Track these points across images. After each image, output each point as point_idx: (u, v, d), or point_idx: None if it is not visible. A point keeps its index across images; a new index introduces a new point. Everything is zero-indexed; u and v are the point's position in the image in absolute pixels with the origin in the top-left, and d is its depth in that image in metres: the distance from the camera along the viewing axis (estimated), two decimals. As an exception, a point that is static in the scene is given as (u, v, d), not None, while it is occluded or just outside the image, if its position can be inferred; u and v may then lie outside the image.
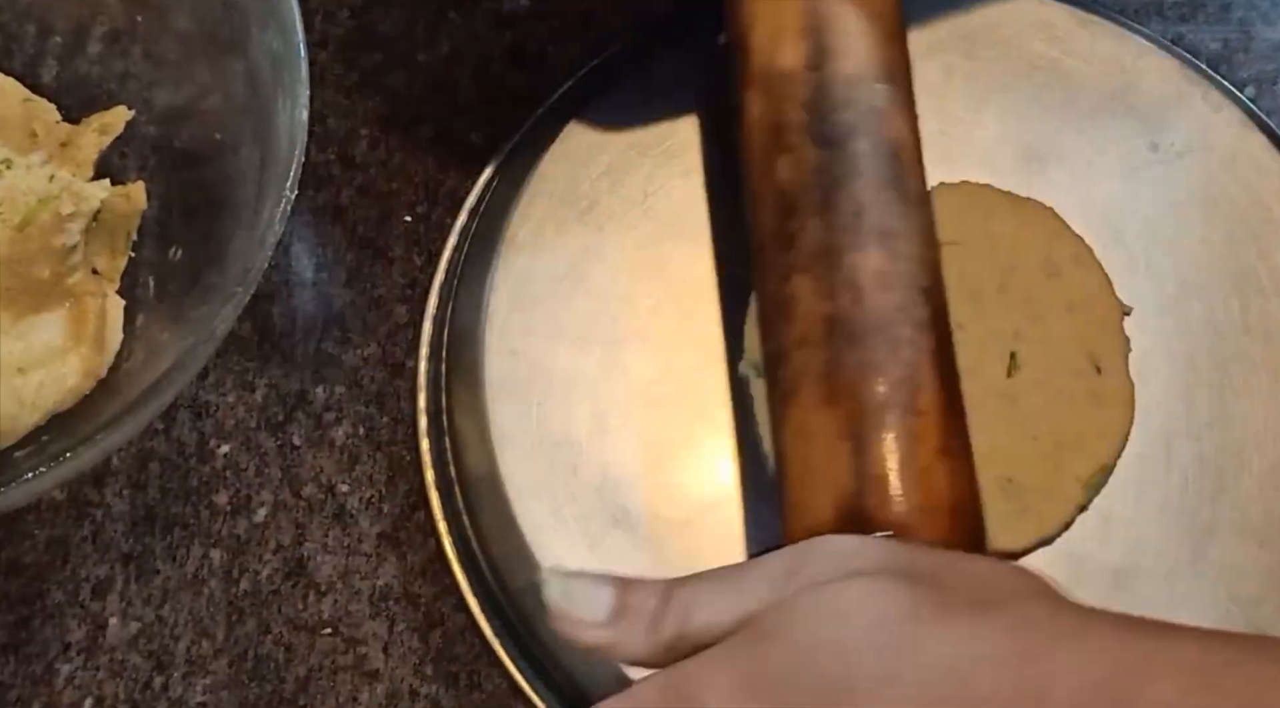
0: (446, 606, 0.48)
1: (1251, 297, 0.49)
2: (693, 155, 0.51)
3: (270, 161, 0.45)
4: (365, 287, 0.52)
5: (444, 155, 0.54)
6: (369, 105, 0.55)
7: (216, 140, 0.49)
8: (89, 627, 0.47)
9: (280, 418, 0.50)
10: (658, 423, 0.47)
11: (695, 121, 0.52)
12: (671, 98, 0.52)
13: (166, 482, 0.49)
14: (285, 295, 0.52)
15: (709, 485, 0.47)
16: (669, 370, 0.48)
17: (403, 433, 0.50)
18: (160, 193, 0.50)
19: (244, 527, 0.49)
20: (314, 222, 0.53)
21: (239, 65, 0.48)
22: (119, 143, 0.51)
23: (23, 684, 0.46)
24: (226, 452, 0.50)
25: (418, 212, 0.53)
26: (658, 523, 0.46)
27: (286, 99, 0.45)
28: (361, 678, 0.47)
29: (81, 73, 0.52)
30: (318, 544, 0.48)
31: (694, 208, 0.50)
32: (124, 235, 0.49)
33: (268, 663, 0.47)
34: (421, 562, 0.48)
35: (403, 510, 0.49)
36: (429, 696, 0.47)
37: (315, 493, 0.49)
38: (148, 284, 0.50)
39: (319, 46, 0.55)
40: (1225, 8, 0.57)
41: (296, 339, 0.51)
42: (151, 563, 0.48)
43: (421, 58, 0.56)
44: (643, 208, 0.50)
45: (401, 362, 0.51)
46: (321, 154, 0.54)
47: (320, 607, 0.48)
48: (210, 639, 0.47)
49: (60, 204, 0.48)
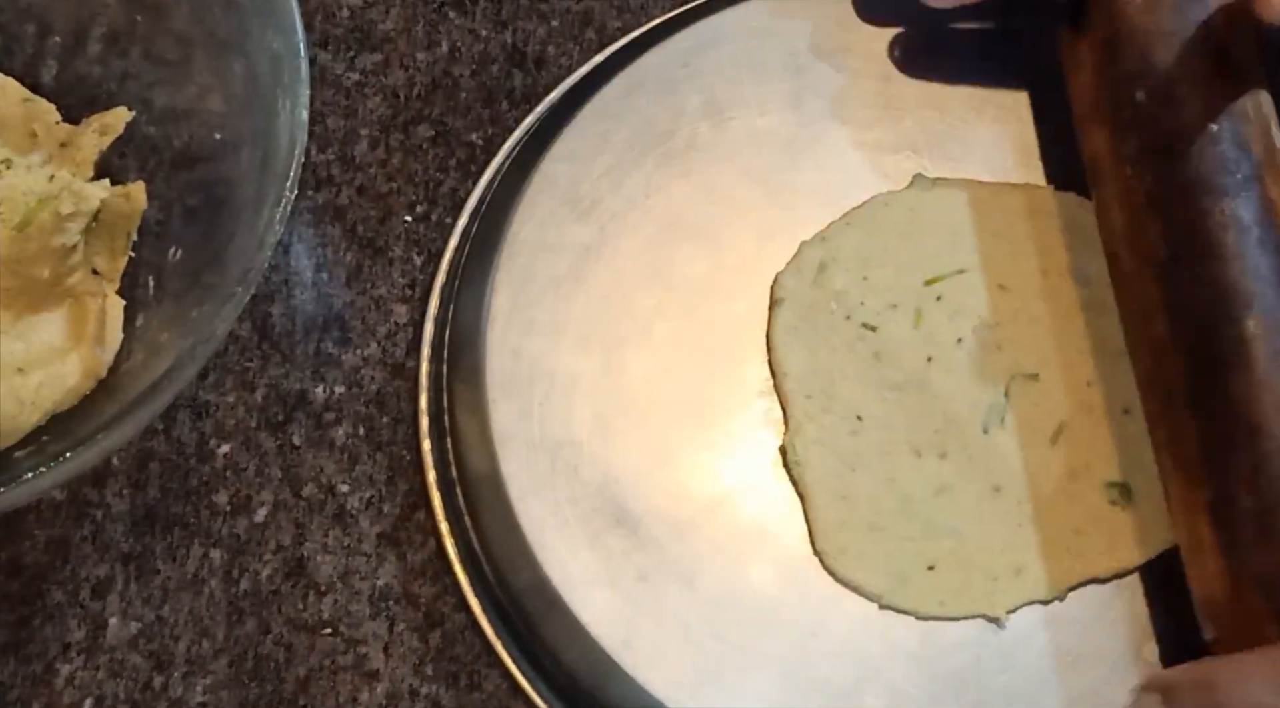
0: (446, 606, 0.48)
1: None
2: (693, 155, 0.51)
3: (270, 161, 0.45)
4: (365, 287, 0.52)
5: (444, 155, 0.54)
6: (369, 105, 0.55)
7: (216, 140, 0.49)
8: (89, 627, 0.47)
9: (280, 418, 0.50)
10: (658, 423, 0.47)
11: (696, 122, 0.52)
12: (680, 97, 0.52)
13: (166, 482, 0.49)
14: (285, 295, 0.52)
15: (709, 486, 0.47)
16: (670, 370, 0.48)
17: (403, 433, 0.50)
18: (160, 193, 0.50)
19: (244, 527, 0.48)
20: (314, 222, 0.53)
21: (239, 65, 0.48)
22: (119, 143, 0.50)
23: (23, 684, 0.46)
24: (226, 452, 0.49)
25: (418, 212, 0.53)
26: (658, 523, 0.46)
27: (286, 99, 0.45)
28: (361, 678, 0.47)
29: (81, 73, 0.52)
30: (318, 544, 0.48)
31: (695, 208, 0.50)
32: (124, 235, 0.49)
33: (268, 663, 0.47)
34: (421, 562, 0.48)
35: (403, 511, 0.49)
36: (429, 696, 0.47)
37: (315, 493, 0.49)
38: (148, 284, 0.49)
39: (319, 46, 0.55)
40: (1225, 8, 0.57)
41: (296, 339, 0.51)
42: (151, 563, 0.48)
43: (421, 58, 0.56)
44: (644, 208, 0.50)
45: (402, 362, 0.51)
46: (321, 154, 0.54)
47: (320, 607, 0.48)
48: (210, 639, 0.47)
49: (60, 204, 0.48)
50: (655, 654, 0.44)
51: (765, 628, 0.45)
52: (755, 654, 0.44)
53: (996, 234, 0.50)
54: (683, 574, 0.45)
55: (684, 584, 0.45)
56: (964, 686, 0.44)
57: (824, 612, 0.45)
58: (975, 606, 0.45)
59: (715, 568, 0.46)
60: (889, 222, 0.50)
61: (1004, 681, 0.44)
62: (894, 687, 0.44)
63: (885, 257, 0.49)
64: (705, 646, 0.44)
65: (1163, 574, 0.45)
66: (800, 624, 0.45)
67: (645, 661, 0.44)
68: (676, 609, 0.45)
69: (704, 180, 0.51)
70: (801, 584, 0.45)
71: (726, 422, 0.48)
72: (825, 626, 0.45)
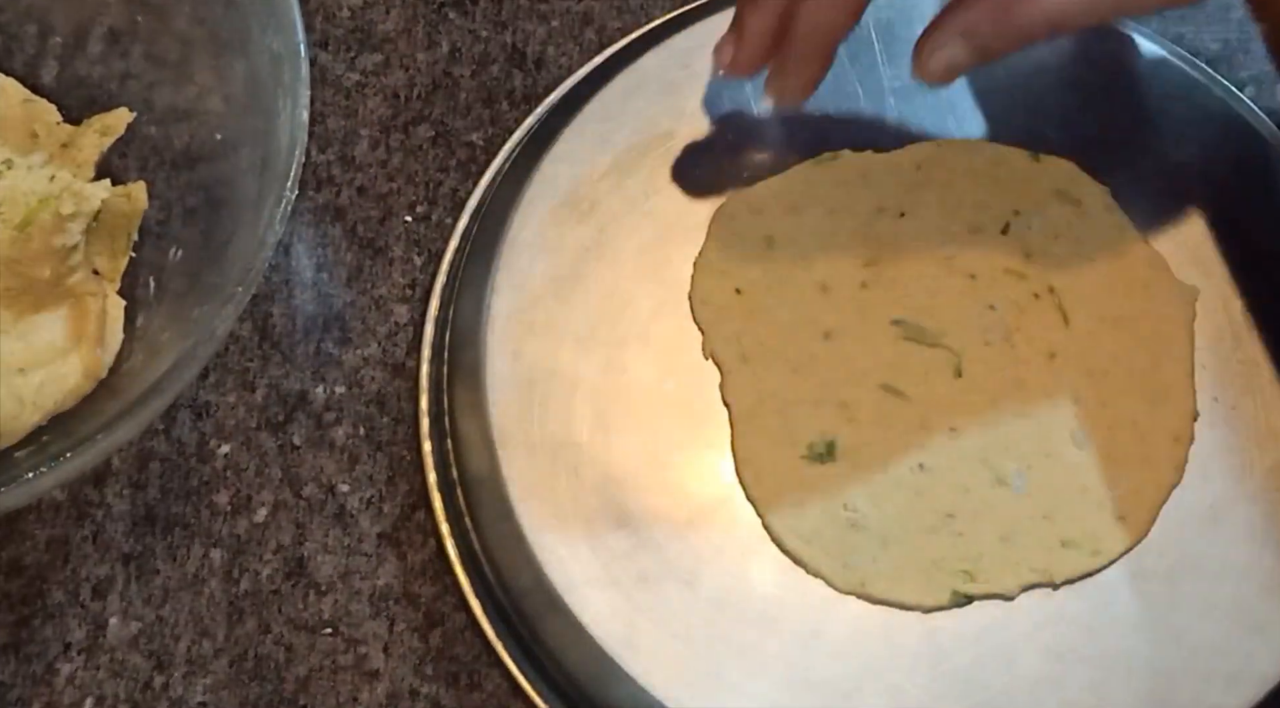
0: (446, 606, 0.48)
1: (1260, 284, 0.50)
2: (693, 156, 0.51)
3: (270, 162, 0.45)
4: (365, 287, 0.52)
5: (444, 155, 0.54)
6: (369, 105, 0.55)
7: (216, 140, 0.49)
8: (89, 627, 0.47)
9: (280, 418, 0.50)
10: (658, 423, 0.47)
11: (696, 121, 0.52)
12: (674, 98, 0.52)
13: (167, 482, 0.49)
14: (285, 295, 0.52)
15: (709, 485, 0.47)
16: (669, 371, 0.48)
17: (403, 433, 0.50)
18: (160, 193, 0.50)
19: (244, 527, 0.49)
20: (314, 222, 0.53)
21: (239, 65, 0.48)
22: (119, 143, 0.50)
23: (23, 684, 0.46)
24: (227, 452, 0.50)
25: (418, 212, 0.53)
26: (658, 523, 0.46)
27: (286, 99, 0.45)
28: (361, 678, 0.47)
29: (82, 73, 0.52)
30: (318, 544, 0.48)
31: (694, 208, 0.50)
32: (124, 235, 0.49)
33: (268, 663, 0.47)
34: (422, 562, 0.48)
35: (403, 511, 0.49)
36: (429, 696, 0.47)
37: (315, 493, 0.49)
38: (148, 284, 0.50)
39: (319, 46, 0.55)
40: (1225, 8, 0.57)
41: (296, 339, 0.51)
42: (152, 563, 0.48)
43: (421, 58, 0.56)
44: (644, 209, 0.50)
45: (402, 362, 0.51)
46: (321, 154, 0.54)
47: (320, 607, 0.48)
48: (210, 639, 0.47)
49: (61, 204, 0.48)
50: (655, 654, 0.44)
51: (766, 628, 0.45)
52: (755, 655, 0.44)
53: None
54: (683, 575, 0.45)
55: (684, 585, 0.45)
56: (965, 686, 0.44)
57: (824, 612, 0.45)
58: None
59: (715, 568, 0.46)
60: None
61: (1004, 681, 0.44)
62: (895, 687, 0.44)
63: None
64: (705, 646, 0.44)
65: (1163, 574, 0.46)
66: (801, 625, 0.45)
67: (645, 661, 0.44)
68: (676, 610, 0.45)
69: (704, 180, 0.51)
70: (802, 584, 0.45)
71: (726, 422, 0.48)
72: (826, 626, 0.45)
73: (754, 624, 0.45)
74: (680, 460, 0.47)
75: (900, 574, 0.45)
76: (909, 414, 0.47)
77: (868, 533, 0.45)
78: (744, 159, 0.51)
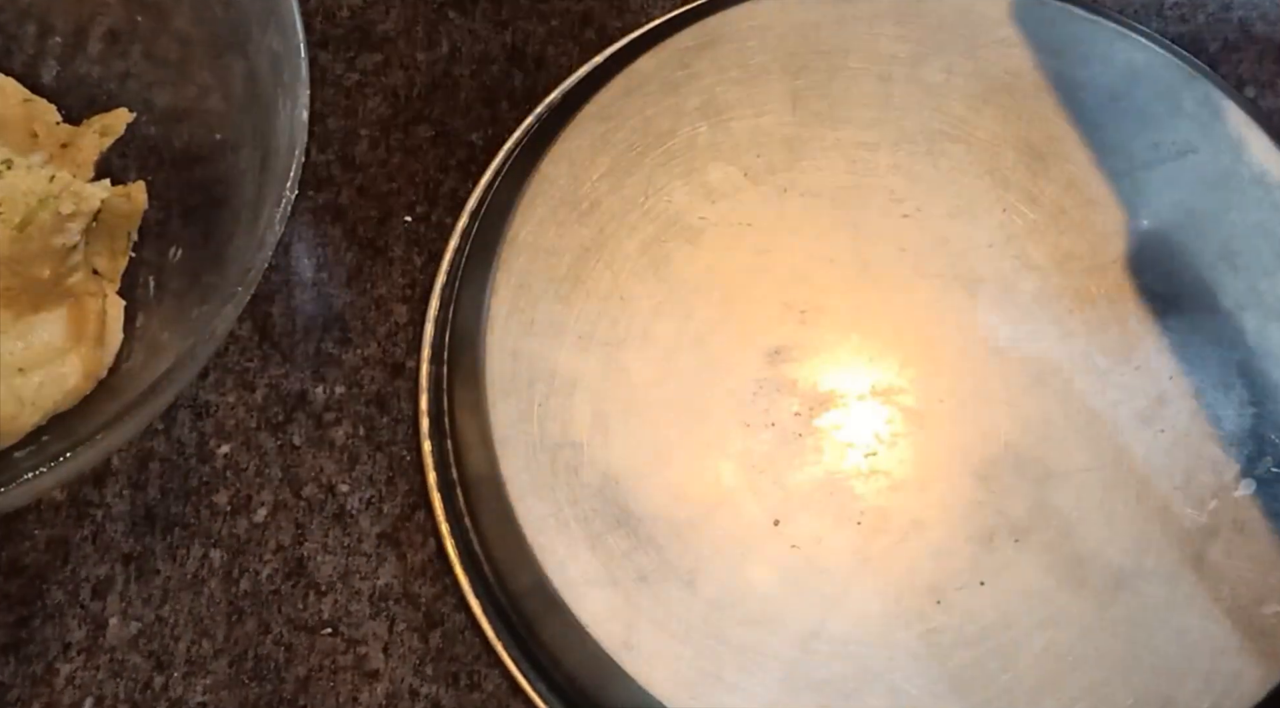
0: (446, 606, 0.48)
1: (1259, 279, 0.50)
2: (693, 156, 0.51)
3: (270, 161, 0.45)
4: (365, 287, 0.52)
5: (444, 155, 0.54)
6: (369, 105, 0.55)
7: (216, 140, 0.49)
8: (89, 627, 0.47)
9: (280, 418, 0.50)
10: (658, 423, 0.47)
11: (696, 122, 0.52)
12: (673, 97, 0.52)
13: (166, 482, 0.49)
14: (285, 295, 0.52)
15: (709, 485, 0.47)
16: (669, 371, 0.48)
17: (403, 433, 0.50)
18: (160, 193, 0.50)
19: (244, 527, 0.49)
20: (314, 222, 0.53)
21: (239, 65, 0.48)
22: (119, 143, 0.50)
23: (23, 684, 0.46)
24: (226, 452, 0.50)
25: (418, 212, 0.53)
26: (658, 523, 0.46)
27: (286, 99, 0.45)
28: (361, 678, 0.47)
29: (82, 73, 0.52)
30: (318, 544, 0.48)
31: (694, 208, 0.50)
32: (124, 235, 0.49)
33: (268, 663, 0.47)
34: (421, 562, 0.48)
35: (403, 511, 0.49)
36: (429, 696, 0.47)
37: (315, 493, 0.49)
38: (148, 284, 0.50)
39: (319, 46, 0.55)
40: (1225, 8, 0.57)
41: (296, 339, 0.51)
42: (151, 563, 0.48)
43: (421, 58, 0.56)
44: (643, 209, 0.50)
45: (402, 362, 0.51)
46: (321, 154, 0.54)
47: (320, 607, 0.48)
48: (210, 639, 0.47)
49: (60, 204, 0.48)
50: (655, 654, 0.44)
51: (766, 628, 0.45)
52: (755, 655, 0.44)
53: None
54: (683, 574, 0.45)
55: (684, 584, 0.45)
56: (965, 686, 0.44)
57: (824, 612, 0.45)
58: None
59: (715, 568, 0.46)
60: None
61: (1004, 681, 0.44)
62: (895, 687, 0.44)
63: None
64: (705, 646, 0.45)
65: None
66: (801, 625, 0.45)
67: (645, 661, 0.44)
68: (676, 609, 0.45)
69: (703, 181, 0.51)
70: (802, 585, 0.45)
71: (726, 422, 0.48)
72: (826, 626, 0.45)
73: (754, 624, 0.45)
74: (680, 460, 0.47)
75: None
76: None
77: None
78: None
